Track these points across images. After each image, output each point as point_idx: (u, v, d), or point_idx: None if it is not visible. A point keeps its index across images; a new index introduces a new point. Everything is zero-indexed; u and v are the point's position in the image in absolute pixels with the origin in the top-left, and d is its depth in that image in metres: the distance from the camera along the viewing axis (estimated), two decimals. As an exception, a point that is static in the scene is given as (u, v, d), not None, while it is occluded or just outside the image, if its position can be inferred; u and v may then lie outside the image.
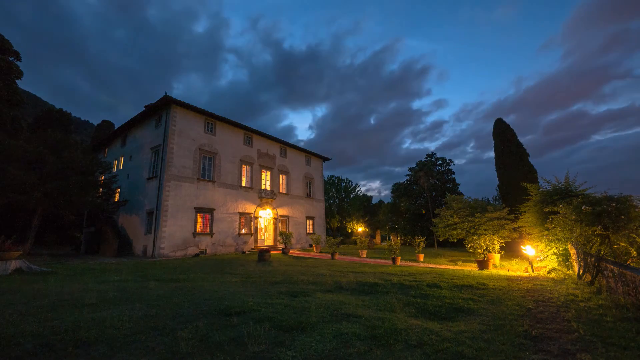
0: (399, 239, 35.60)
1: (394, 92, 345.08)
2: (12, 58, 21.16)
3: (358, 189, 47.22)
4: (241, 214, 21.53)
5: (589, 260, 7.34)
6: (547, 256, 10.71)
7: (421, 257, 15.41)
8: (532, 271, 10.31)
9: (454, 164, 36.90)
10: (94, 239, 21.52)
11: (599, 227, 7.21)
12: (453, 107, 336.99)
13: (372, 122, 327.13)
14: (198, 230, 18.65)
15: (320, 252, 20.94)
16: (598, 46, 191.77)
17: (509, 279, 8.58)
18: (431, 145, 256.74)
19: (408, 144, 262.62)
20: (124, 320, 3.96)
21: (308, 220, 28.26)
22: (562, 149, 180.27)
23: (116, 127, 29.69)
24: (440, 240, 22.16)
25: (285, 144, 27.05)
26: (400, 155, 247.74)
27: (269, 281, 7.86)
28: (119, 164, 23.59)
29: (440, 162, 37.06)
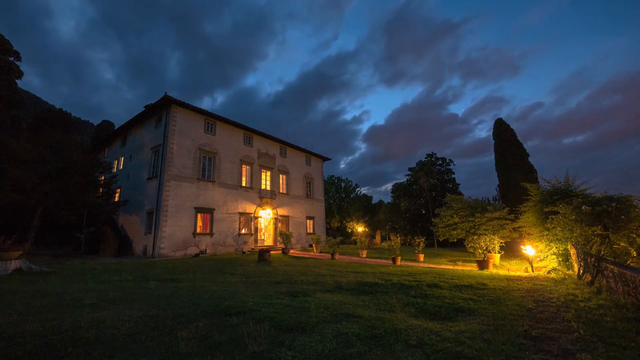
0: (399, 239, 35.59)
1: (505, 69, 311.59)
2: (12, 58, 21.17)
3: (358, 189, 47.25)
4: (241, 214, 21.52)
5: (589, 260, 7.34)
6: (547, 256, 10.71)
7: (421, 257, 15.41)
8: (532, 271, 10.30)
9: (453, 164, 36.96)
10: (94, 239, 21.50)
11: (599, 227, 7.21)
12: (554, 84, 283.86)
13: (458, 105, 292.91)
14: (198, 230, 18.65)
15: (320, 252, 20.93)
16: None
17: (509, 279, 8.58)
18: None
19: (486, 130, 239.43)
20: (124, 320, 3.96)
21: (308, 220, 28.25)
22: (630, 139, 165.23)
23: (116, 127, 29.68)
24: (440, 240, 22.15)
25: (285, 144, 27.04)
26: (465, 145, 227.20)
27: (269, 281, 7.85)
28: (119, 164, 23.59)
29: (440, 162, 37.09)
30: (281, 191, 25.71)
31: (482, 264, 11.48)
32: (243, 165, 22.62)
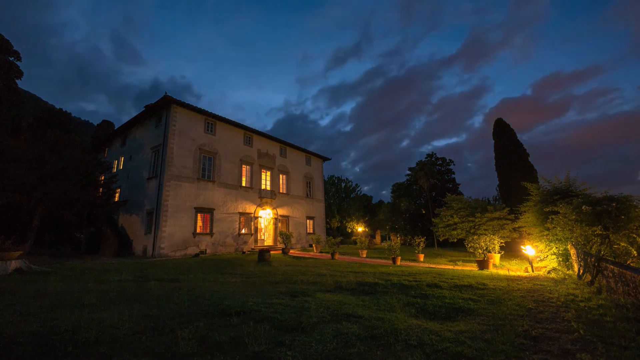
0: (399, 239, 35.60)
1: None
2: (12, 58, 21.15)
3: (358, 188, 47.24)
4: (241, 214, 21.52)
5: (589, 260, 7.34)
6: (547, 256, 10.70)
7: (421, 257, 15.41)
8: (532, 271, 10.30)
9: (453, 164, 36.97)
10: (94, 239, 21.49)
11: (599, 227, 7.22)
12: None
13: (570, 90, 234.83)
14: (198, 230, 18.65)
15: (320, 252, 20.93)
16: None
17: (509, 279, 8.57)
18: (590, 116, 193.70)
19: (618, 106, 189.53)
20: (124, 320, 3.96)
21: (308, 220, 28.25)
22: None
23: (116, 127, 29.69)
24: (440, 240, 22.14)
25: (285, 144, 27.05)
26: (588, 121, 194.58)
27: (269, 281, 7.85)
28: (119, 164, 23.59)
29: (440, 162, 37.11)
30: (281, 191, 25.70)
31: (482, 264, 11.48)
32: (243, 165, 22.62)
